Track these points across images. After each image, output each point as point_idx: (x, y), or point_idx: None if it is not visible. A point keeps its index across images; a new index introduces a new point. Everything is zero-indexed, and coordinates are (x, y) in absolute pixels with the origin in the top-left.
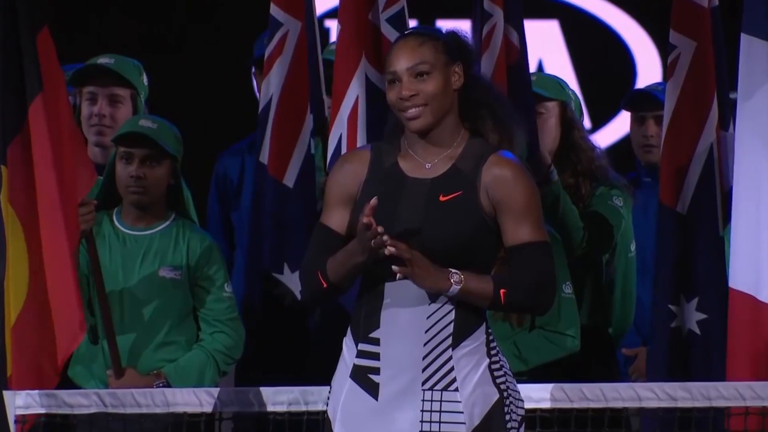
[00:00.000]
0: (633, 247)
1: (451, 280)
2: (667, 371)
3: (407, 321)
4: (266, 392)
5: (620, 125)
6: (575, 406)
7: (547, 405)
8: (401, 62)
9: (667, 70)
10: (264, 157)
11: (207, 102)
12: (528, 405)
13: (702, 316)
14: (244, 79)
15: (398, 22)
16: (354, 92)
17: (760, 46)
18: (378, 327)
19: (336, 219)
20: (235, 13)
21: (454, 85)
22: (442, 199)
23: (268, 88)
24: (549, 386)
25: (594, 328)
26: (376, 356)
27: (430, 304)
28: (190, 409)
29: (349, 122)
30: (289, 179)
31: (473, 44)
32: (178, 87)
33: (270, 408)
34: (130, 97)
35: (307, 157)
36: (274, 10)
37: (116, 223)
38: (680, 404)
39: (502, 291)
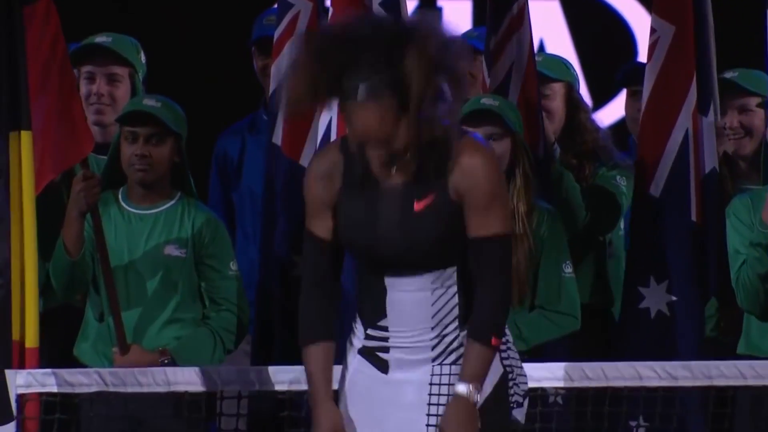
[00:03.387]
0: (622, 226)
1: (471, 399)
2: (633, 350)
3: (413, 310)
4: (267, 371)
5: (621, 105)
6: (576, 385)
7: (548, 384)
8: (365, 135)
9: (647, 54)
10: (277, 138)
11: (207, 81)
12: (529, 384)
13: (672, 298)
14: (244, 58)
15: (392, 5)
16: None
17: None
18: (385, 316)
19: (320, 225)
20: None
21: (396, 111)
22: (416, 208)
23: (280, 68)
24: (550, 365)
25: (596, 306)
26: (384, 339)
27: (433, 292)
28: (191, 388)
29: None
30: (305, 160)
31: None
32: (178, 66)
33: (271, 387)
34: (129, 75)
35: (324, 137)
36: None
37: (122, 202)
38: (681, 383)
39: (492, 339)
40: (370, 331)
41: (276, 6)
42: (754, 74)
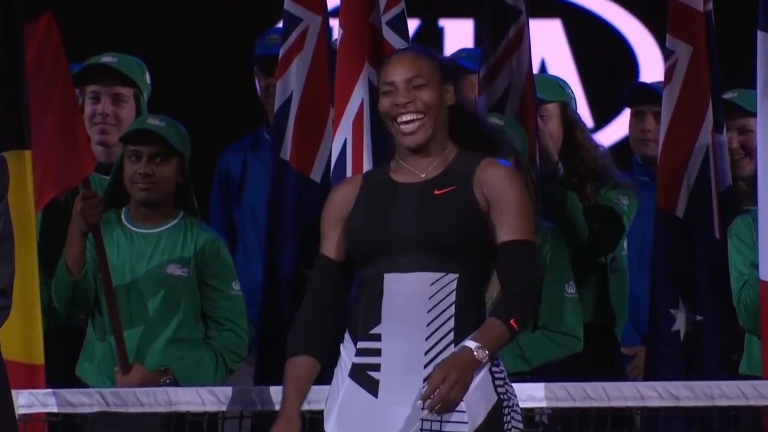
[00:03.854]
0: (625, 245)
1: (476, 354)
2: (666, 373)
3: (408, 315)
4: (269, 391)
5: (623, 124)
6: (578, 405)
7: (550, 404)
8: (399, 72)
9: (665, 75)
10: (285, 153)
11: (209, 100)
12: (531, 404)
13: (699, 318)
14: (246, 77)
15: (398, 24)
16: (359, 96)
17: None
18: (379, 322)
19: (331, 245)
20: (238, 10)
21: (447, 101)
22: (436, 192)
23: (287, 84)
24: (552, 385)
25: (598, 327)
26: (376, 352)
27: (430, 298)
28: (193, 408)
29: (354, 126)
30: (316, 174)
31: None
32: (181, 85)
33: (273, 407)
34: (134, 95)
35: (339, 157)
36: (290, 6)
37: (125, 221)
38: (683, 403)
39: (512, 321)
40: (361, 344)
41: (279, 25)
42: (752, 94)
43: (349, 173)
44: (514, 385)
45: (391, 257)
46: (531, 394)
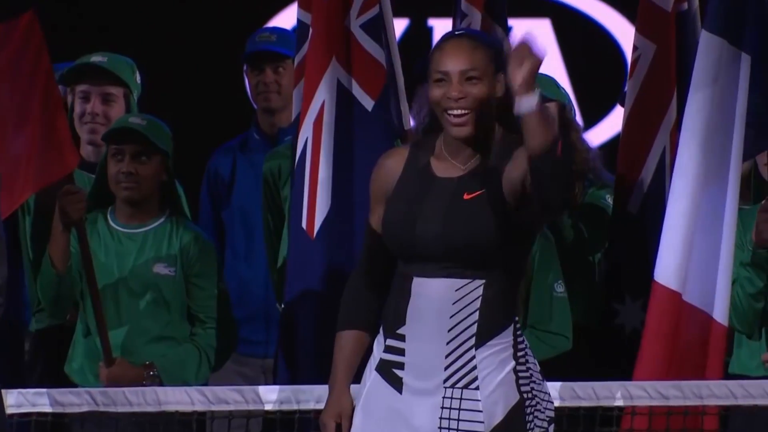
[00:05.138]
0: None
1: (534, 93)
2: (607, 366)
3: (431, 320)
4: (258, 391)
5: (612, 124)
6: (567, 404)
7: None
8: (454, 63)
9: (630, 68)
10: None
11: (199, 101)
12: None
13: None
14: (236, 78)
15: (373, 28)
16: (321, 97)
17: (715, 41)
18: (404, 324)
19: (377, 219)
20: (228, 12)
21: (498, 93)
22: (465, 197)
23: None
24: None
25: (586, 326)
26: (401, 352)
27: (454, 304)
28: (181, 408)
29: (314, 127)
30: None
31: None
32: (170, 85)
33: (261, 407)
34: (123, 95)
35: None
36: (302, 14)
37: (110, 221)
38: (672, 403)
39: (560, 142)
40: (389, 342)
41: (272, 25)
42: None
43: (307, 175)
44: None
45: (419, 260)
46: None
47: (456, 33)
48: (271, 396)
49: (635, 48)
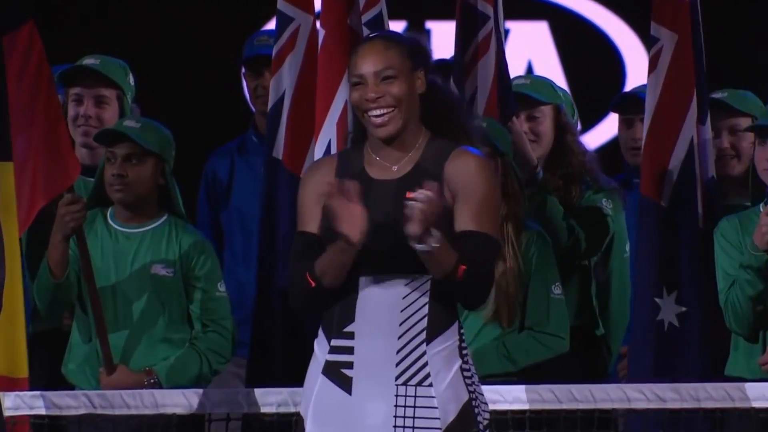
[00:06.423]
0: (627, 248)
1: (432, 239)
2: (651, 362)
3: (381, 314)
4: (255, 393)
5: (609, 126)
6: (564, 407)
7: (536, 406)
8: (367, 65)
9: (649, 63)
10: (278, 152)
11: (196, 103)
12: (517, 406)
13: (681, 309)
14: (234, 80)
15: (377, 25)
16: (343, 98)
17: None
18: (353, 321)
19: (313, 223)
20: (225, 14)
21: (418, 90)
22: (408, 195)
23: (280, 83)
24: (538, 387)
25: (581, 328)
26: (350, 350)
27: (404, 298)
28: (179, 411)
29: (338, 127)
30: None
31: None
32: (167, 88)
33: (259, 409)
34: (117, 97)
35: (326, 152)
36: (282, 5)
37: (109, 221)
38: (669, 405)
39: (462, 267)
40: (334, 342)
41: (267, 27)
42: (743, 94)
43: None
44: (499, 387)
45: (366, 258)
46: (517, 396)
47: (370, 36)
48: (269, 399)
49: (655, 39)
